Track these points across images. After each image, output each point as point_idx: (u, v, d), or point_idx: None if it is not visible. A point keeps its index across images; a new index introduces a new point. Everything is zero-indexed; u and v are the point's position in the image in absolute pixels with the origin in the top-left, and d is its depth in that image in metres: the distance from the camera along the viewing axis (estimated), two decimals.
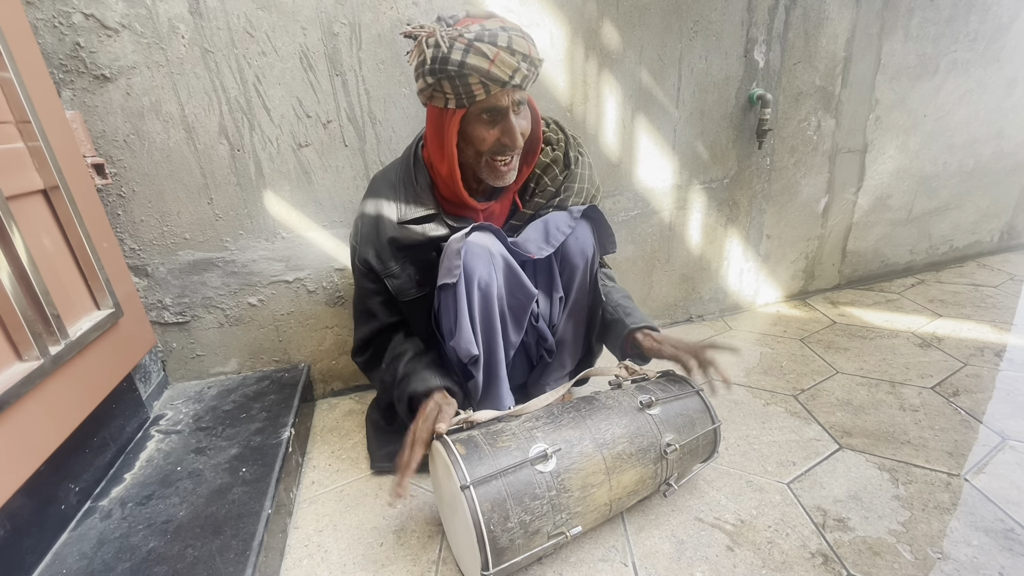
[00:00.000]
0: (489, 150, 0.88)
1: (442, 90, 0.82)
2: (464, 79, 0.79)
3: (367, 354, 1.04)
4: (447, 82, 0.80)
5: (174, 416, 1.19)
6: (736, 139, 1.59)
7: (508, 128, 0.85)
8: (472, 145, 0.88)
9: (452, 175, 0.91)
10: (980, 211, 2.06)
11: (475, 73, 0.78)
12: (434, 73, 0.80)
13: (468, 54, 0.77)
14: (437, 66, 0.79)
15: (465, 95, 0.81)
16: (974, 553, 0.81)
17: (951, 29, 1.70)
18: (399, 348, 0.99)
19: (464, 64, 0.77)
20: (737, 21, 1.45)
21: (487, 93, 0.81)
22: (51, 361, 0.80)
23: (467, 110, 0.84)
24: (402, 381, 0.93)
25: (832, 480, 0.99)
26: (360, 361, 1.06)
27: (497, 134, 0.86)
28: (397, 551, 0.91)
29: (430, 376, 0.91)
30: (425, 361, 0.96)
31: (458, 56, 0.77)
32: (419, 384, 0.90)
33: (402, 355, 0.97)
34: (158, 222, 1.19)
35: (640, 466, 0.83)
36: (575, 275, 1.01)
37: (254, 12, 1.10)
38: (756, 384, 1.35)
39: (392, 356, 0.98)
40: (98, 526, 0.86)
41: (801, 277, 1.90)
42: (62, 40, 1.02)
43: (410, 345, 0.99)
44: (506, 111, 0.84)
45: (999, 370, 1.32)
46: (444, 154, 0.89)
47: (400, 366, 0.95)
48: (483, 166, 0.90)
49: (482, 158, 0.89)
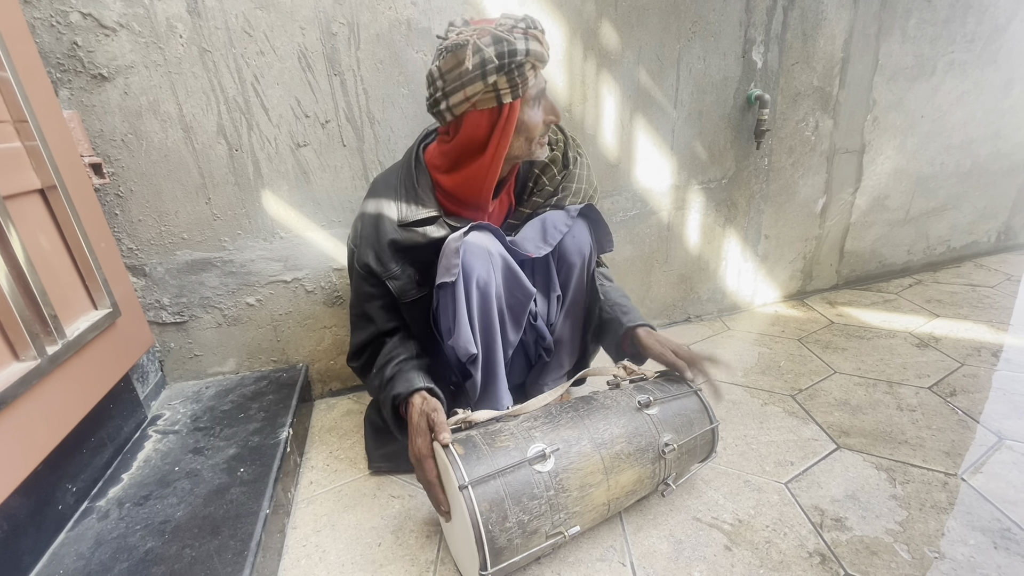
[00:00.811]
0: (541, 133, 0.91)
1: (496, 88, 0.82)
2: (521, 68, 0.81)
3: (362, 359, 1.03)
4: (504, 76, 0.81)
5: (172, 416, 1.18)
6: (734, 139, 1.59)
7: (550, 106, 0.91)
8: (527, 131, 0.89)
9: (493, 169, 0.91)
10: (977, 212, 2.07)
11: (533, 57, 0.81)
12: (500, 69, 0.80)
13: (529, 41, 0.80)
14: (506, 60, 0.79)
15: (521, 83, 0.83)
16: (971, 552, 0.81)
17: (948, 30, 1.70)
18: (392, 352, 0.97)
19: (529, 52, 0.80)
20: (735, 22, 1.45)
21: (536, 78, 0.85)
22: (48, 361, 0.79)
23: (521, 100, 0.86)
24: (388, 383, 0.92)
25: (830, 480, 0.99)
26: (355, 366, 1.05)
27: (543, 113, 0.90)
28: (395, 551, 0.91)
29: (414, 377, 0.90)
30: (414, 364, 0.94)
31: (523, 45, 0.79)
32: (403, 386, 0.88)
33: (393, 359, 0.96)
34: (156, 222, 1.19)
35: (638, 466, 0.83)
36: (572, 274, 1.01)
37: (252, 12, 1.10)
38: (754, 384, 1.35)
39: (384, 360, 0.97)
40: (95, 526, 0.86)
41: (799, 277, 1.90)
42: (60, 39, 1.02)
43: (403, 349, 0.98)
44: (545, 90, 0.90)
45: (996, 370, 1.33)
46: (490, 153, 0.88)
47: (388, 368, 0.94)
48: (534, 148, 0.92)
49: (533, 142, 0.91)
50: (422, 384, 0.88)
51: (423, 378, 0.90)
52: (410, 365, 0.94)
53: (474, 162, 0.90)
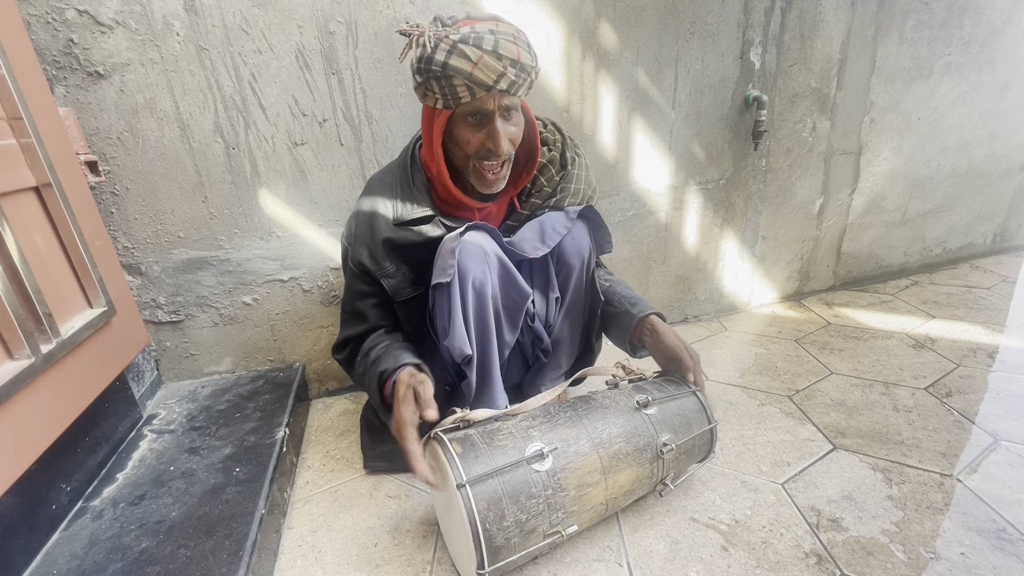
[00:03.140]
0: (475, 154, 0.87)
1: (431, 89, 0.82)
2: (449, 80, 0.79)
3: (346, 351, 1.02)
4: (434, 82, 0.81)
5: (167, 415, 1.18)
6: (732, 140, 1.59)
7: (493, 133, 0.84)
8: (459, 147, 0.88)
9: (440, 173, 0.91)
10: (973, 213, 2.08)
11: (458, 75, 0.78)
12: (421, 72, 0.81)
13: (451, 55, 0.77)
14: (423, 65, 0.80)
15: (451, 96, 0.81)
16: (966, 553, 0.81)
17: (945, 33, 1.71)
18: (375, 340, 0.97)
19: (447, 65, 0.78)
20: (733, 23, 1.45)
21: (472, 96, 0.80)
22: (42, 360, 0.79)
23: (453, 111, 0.84)
24: (373, 363, 0.91)
25: (826, 480, 0.99)
26: (340, 358, 1.04)
27: (482, 138, 0.85)
28: (392, 551, 0.90)
29: (402, 355, 0.88)
30: (400, 345, 0.94)
31: (441, 57, 0.78)
32: (389, 362, 0.87)
33: (379, 343, 0.95)
34: (152, 220, 1.18)
35: (636, 466, 0.83)
36: (571, 275, 1.01)
37: (250, 9, 1.09)
38: (751, 384, 1.36)
39: (370, 346, 0.96)
40: (89, 526, 0.85)
41: (796, 278, 1.91)
42: (55, 36, 1.01)
43: (387, 337, 0.97)
44: (492, 115, 0.84)
45: (992, 371, 1.33)
46: (431, 154, 0.90)
47: (374, 351, 0.94)
48: (471, 170, 0.89)
49: (469, 162, 0.88)
50: (410, 360, 0.87)
51: (411, 355, 0.89)
52: (397, 346, 0.93)
53: (430, 155, 0.91)
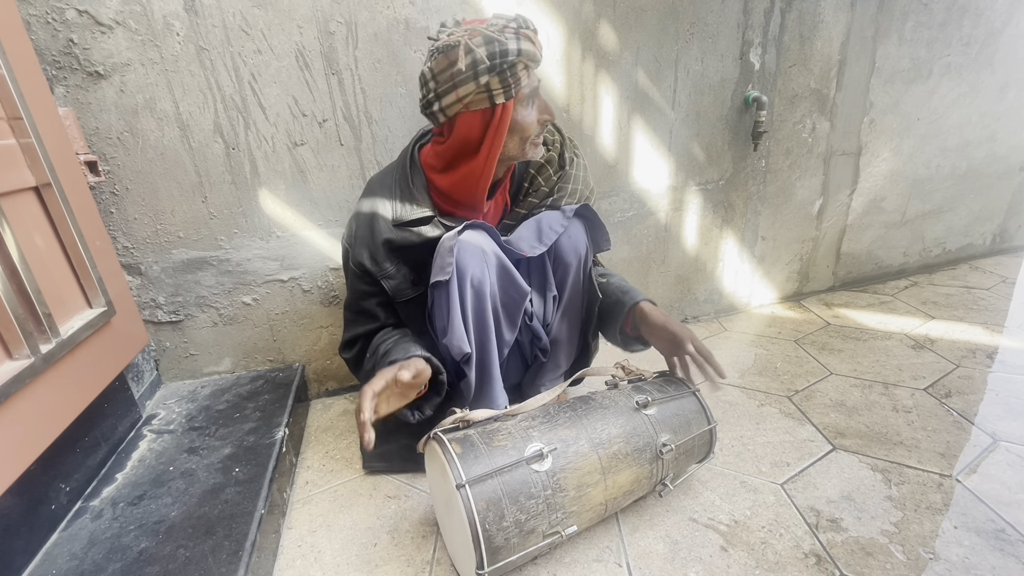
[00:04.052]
0: (534, 132, 0.90)
1: (489, 89, 0.82)
2: (513, 68, 0.81)
3: (354, 350, 1.03)
4: (497, 77, 0.81)
5: (167, 416, 1.18)
6: (732, 141, 1.59)
7: (544, 105, 0.91)
8: (521, 131, 0.89)
9: (487, 170, 0.90)
10: (972, 214, 2.08)
11: (525, 57, 0.81)
12: (491, 70, 0.80)
13: (520, 40, 0.80)
14: (497, 60, 0.79)
15: (514, 83, 0.82)
16: (965, 553, 0.82)
17: (944, 33, 1.71)
18: (383, 336, 0.97)
19: (520, 51, 0.80)
20: (733, 24, 1.45)
21: (528, 77, 0.85)
22: (42, 360, 0.79)
23: (514, 100, 0.86)
24: (383, 356, 0.91)
25: (825, 481, 0.99)
26: (348, 357, 1.04)
27: (536, 113, 0.90)
28: (391, 551, 0.90)
29: (412, 347, 0.88)
30: (410, 338, 0.94)
31: (514, 44, 0.79)
32: (399, 354, 0.87)
33: (389, 338, 0.96)
34: (152, 220, 1.18)
35: (636, 466, 0.83)
36: (568, 273, 1.01)
37: (250, 10, 1.09)
38: (750, 385, 1.36)
39: (380, 341, 0.97)
40: (89, 526, 0.85)
41: (796, 279, 1.91)
42: (55, 36, 1.01)
43: (396, 332, 0.98)
44: (538, 90, 0.89)
45: (991, 372, 1.33)
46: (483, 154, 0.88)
47: (383, 345, 0.94)
48: (527, 148, 0.92)
49: (527, 143, 0.91)
50: (419, 352, 0.87)
51: (420, 348, 0.89)
52: (408, 339, 0.93)
53: (468, 163, 0.90)
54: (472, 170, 0.91)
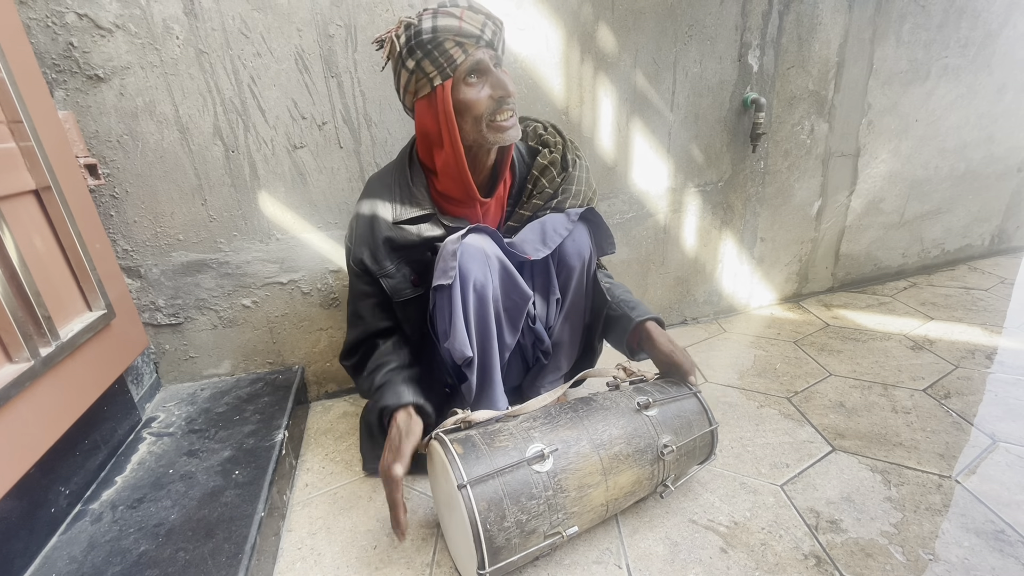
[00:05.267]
0: (487, 111, 0.85)
1: (425, 72, 0.82)
2: (440, 46, 0.80)
3: (354, 358, 1.03)
4: (427, 59, 0.81)
5: (166, 418, 1.18)
6: (730, 142, 1.60)
7: (496, 80, 0.84)
8: (470, 113, 0.85)
9: (458, 159, 0.88)
10: (971, 215, 2.08)
11: (447, 34, 0.80)
12: (412, 52, 0.81)
13: (437, 18, 0.80)
14: (413, 42, 0.81)
15: (446, 62, 0.82)
16: (965, 554, 0.82)
17: (942, 35, 1.72)
18: (383, 357, 0.98)
19: (436, 28, 0.79)
20: (731, 26, 1.46)
21: (465, 54, 0.82)
22: (42, 363, 0.79)
23: (452, 80, 0.83)
24: (377, 391, 0.93)
25: (825, 482, 0.99)
26: (347, 365, 1.05)
27: (488, 91, 0.84)
28: (391, 554, 0.90)
29: (404, 391, 0.90)
30: (405, 375, 0.94)
31: (429, 23, 0.80)
32: (391, 398, 0.89)
33: (384, 364, 0.96)
34: (151, 223, 1.18)
35: (637, 467, 0.83)
36: (572, 277, 1.01)
37: (249, 13, 1.10)
38: (750, 386, 1.36)
39: (375, 364, 0.97)
40: (88, 529, 0.85)
41: (795, 280, 1.91)
42: (55, 40, 1.01)
43: (395, 356, 0.98)
44: (487, 65, 0.84)
45: (990, 372, 1.33)
46: (445, 141, 0.87)
47: (379, 376, 0.94)
48: (486, 132, 0.86)
49: (482, 124, 0.86)
50: (410, 399, 0.89)
51: (412, 391, 0.90)
52: (401, 376, 0.94)
53: (441, 154, 0.91)
54: (446, 161, 0.90)
